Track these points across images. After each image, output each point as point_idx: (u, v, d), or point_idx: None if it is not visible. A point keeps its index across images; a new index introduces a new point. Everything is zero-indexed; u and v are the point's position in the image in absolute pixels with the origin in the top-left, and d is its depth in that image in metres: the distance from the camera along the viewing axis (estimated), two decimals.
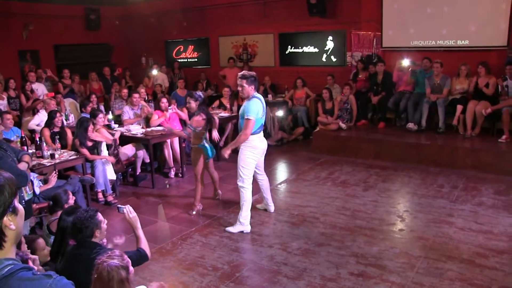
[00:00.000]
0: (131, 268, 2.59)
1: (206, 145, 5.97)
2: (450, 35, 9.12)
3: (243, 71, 5.47)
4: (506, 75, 7.73)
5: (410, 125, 8.41)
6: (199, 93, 6.19)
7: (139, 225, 3.33)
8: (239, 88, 5.28)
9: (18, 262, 1.43)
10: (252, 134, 5.28)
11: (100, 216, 3.12)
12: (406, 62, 9.18)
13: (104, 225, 3.13)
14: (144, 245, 3.27)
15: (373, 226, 5.23)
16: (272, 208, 5.85)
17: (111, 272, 2.41)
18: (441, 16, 9.09)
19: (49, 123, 6.62)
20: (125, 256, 2.59)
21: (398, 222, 5.36)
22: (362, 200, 6.12)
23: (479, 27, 8.77)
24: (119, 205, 3.36)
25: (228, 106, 9.27)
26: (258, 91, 9.81)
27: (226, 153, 5.39)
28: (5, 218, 1.43)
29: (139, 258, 3.15)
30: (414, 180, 6.88)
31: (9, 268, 1.38)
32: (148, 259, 3.26)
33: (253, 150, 5.34)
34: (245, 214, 5.32)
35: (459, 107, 8.00)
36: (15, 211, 1.46)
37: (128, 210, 3.30)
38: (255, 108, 5.16)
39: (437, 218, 5.40)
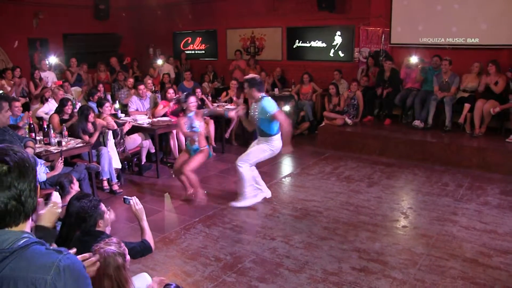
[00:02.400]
0: (127, 256, 2.61)
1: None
2: (460, 33, 9.05)
3: (247, 76, 5.62)
4: None
5: (417, 123, 8.38)
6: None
7: (144, 217, 3.34)
8: (246, 90, 5.49)
9: (33, 236, 1.51)
10: (275, 134, 5.44)
11: (103, 206, 3.13)
12: (414, 59, 9.13)
13: (106, 216, 3.14)
14: (149, 236, 3.28)
15: (376, 222, 5.23)
16: (269, 193, 6.01)
17: (108, 258, 2.42)
18: (451, 13, 9.01)
19: (60, 110, 6.70)
20: (122, 244, 2.61)
21: (402, 219, 5.35)
22: (366, 196, 6.11)
23: (490, 25, 8.68)
24: (125, 196, 3.37)
25: (234, 98, 9.26)
26: (264, 84, 9.91)
27: (289, 149, 5.72)
28: None
29: (143, 249, 3.17)
30: (419, 177, 6.86)
31: (24, 240, 1.45)
32: (151, 251, 3.26)
33: (273, 150, 5.62)
34: (247, 189, 5.60)
35: (467, 106, 7.95)
36: (35, 188, 1.54)
37: (135, 201, 3.31)
38: (272, 103, 5.31)
39: (441, 216, 5.38)
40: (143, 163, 7.44)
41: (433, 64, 8.63)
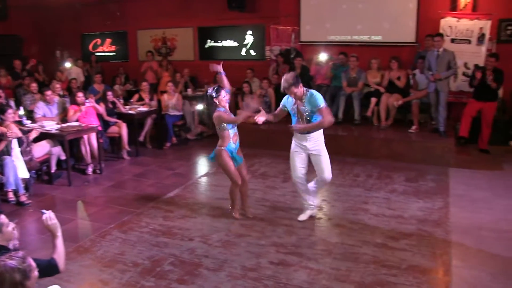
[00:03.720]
0: (34, 273, 2.44)
1: None
2: (365, 31, 9.55)
3: (283, 79, 4.84)
4: (416, 67, 8.27)
5: None
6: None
7: (59, 233, 3.09)
8: (292, 95, 4.87)
9: None
10: None
11: (2, 218, 2.92)
12: (323, 56, 9.46)
13: (7, 228, 2.93)
14: (59, 255, 3.04)
15: (292, 216, 5.35)
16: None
17: (4, 273, 2.27)
18: (356, 12, 9.48)
19: None
20: (28, 260, 2.43)
21: (317, 211, 5.51)
22: (281, 191, 6.25)
23: (391, 24, 9.27)
24: (43, 210, 3.12)
25: (147, 100, 9.07)
26: (176, 85, 9.73)
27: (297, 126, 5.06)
28: None
29: (48, 267, 2.93)
30: (332, 170, 7.04)
31: None
32: (59, 271, 3.02)
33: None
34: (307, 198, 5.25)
35: (373, 100, 8.40)
36: None
37: (49, 216, 3.06)
38: (320, 95, 4.84)
39: (353, 206, 5.64)
40: (53, 171, 7.05)
41: (340, 61, 9.00)
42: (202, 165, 7.84)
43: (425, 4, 8.99)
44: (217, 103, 5.09)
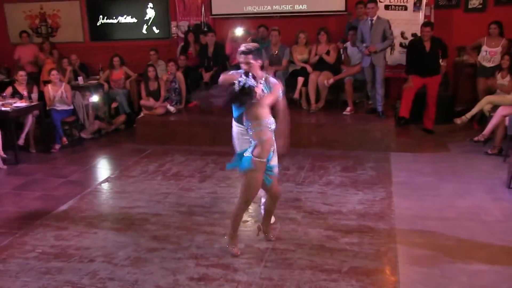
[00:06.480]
0: None
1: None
2: (287, 0, 9.70)
3: (244, 45, 4.67)
4: (347, 40, 8.53)
5: None
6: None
7: None
8: (245, 67, 4.52)
9: None
10: None
11: None
12: (240, 31, 9.52)
13: None
14: None
15: (213, 221, 5.37)
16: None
17: None
18: None
19: None
20: None
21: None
22: (198, 193, 6.25)
23: None
24: None
25: (25, 94, 8.67)
26: (63, 73, 9.43)
27: None
28: None
29: None
30: None
31: None
32: None
33: None
34: None
35: (300, 79, 8.58)
36: None
37: None
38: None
39: (284, 203, 5.72)
40: None
41: (259, 35, 9.09)
42: (102, 169, 7.64)
43: None
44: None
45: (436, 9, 9.15)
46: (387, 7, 8.86)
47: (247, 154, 4.34)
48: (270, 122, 4.33)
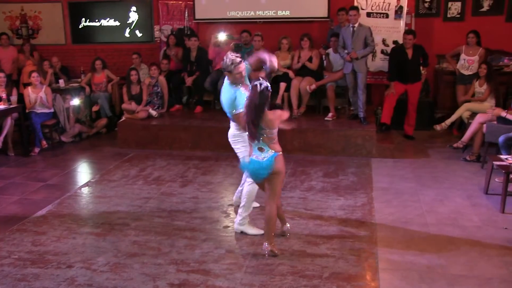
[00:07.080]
0: None
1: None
2: (270, 5, 9.74)
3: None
4: (329, 46, 8.57)
5: None
6: None
7: None
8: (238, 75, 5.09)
9: None
10: None
11: None
12: (223, 36, 9.50)
13: None
14: None
15: (194, 226, 5.34)
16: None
17: None
18: None
19: None
20: None
21: (223, 218, 5.54)
22: (180, 198, 6.20)
23: None
24: None
25: (4, 96, 8.55)
26: (44, 76, 9.32)
27: None
28: None
29: None
30: (238, 169, 7.09)
31: None
32: None
33: None
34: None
35: (283, 85, 8.58)
36: None
37: None
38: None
39: (264, 209, 5.68)
40: None
41: (242, 41, 9.08)
42: (82, 173, 7.55)
43: None
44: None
45: (416, 17, 9.26)
46: (368, 15, 8.90)
47: (267, 155, 4.58)
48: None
